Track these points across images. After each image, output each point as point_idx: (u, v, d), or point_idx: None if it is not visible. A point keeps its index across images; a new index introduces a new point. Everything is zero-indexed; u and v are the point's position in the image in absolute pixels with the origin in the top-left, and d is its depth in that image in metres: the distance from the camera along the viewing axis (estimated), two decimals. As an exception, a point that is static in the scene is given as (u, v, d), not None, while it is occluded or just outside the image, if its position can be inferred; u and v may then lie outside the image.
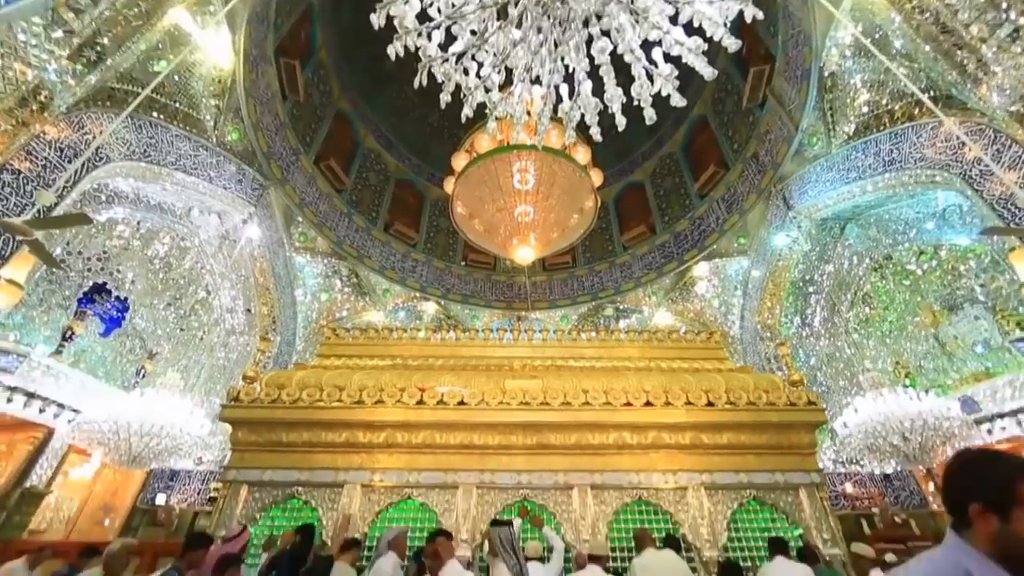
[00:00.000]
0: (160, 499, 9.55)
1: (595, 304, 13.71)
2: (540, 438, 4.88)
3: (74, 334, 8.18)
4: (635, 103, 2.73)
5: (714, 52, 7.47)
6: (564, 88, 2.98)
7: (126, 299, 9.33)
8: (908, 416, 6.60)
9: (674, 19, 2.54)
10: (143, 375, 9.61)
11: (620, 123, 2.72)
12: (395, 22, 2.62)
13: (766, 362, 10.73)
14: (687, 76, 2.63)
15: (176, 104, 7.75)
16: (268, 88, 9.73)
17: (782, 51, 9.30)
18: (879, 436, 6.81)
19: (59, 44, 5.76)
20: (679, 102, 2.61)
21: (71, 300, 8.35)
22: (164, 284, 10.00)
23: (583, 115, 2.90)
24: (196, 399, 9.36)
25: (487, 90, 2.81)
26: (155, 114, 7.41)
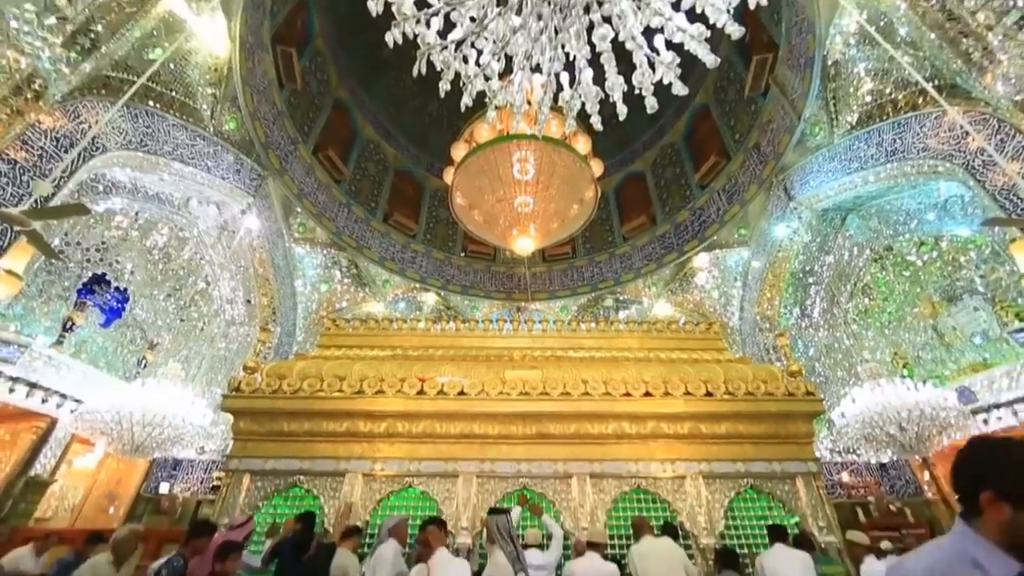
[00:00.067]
0: (163, 488, 9.65)
1: (595, 295, 13.72)
2: (540, 428, 4.92)
3: (74, 325, 8.18)
4: (636, 91, 2.70)
5: (717, 39, 7.37)
6: (564, 76, 2.95)
7: (126, 290, 9.32)
8: (905, 406, 6.63)
9: (676, 5, 2.50)
10: (144, 365, 9.64)
11: (621, 112, 2.69)
12: (393, 8, 2.58)
13: (765, 353, 10.77)
14: (689, 64, 2.60)
15: (172, 93, 7.66)
16: (265, 76, 9.62)
17: (785, 39, 9.18)
18: (876, 426, 6.86)
19: (52, 31, 5.67)
20: (681, 90, 2.57)
21: (71, 291, 8.34)
22: (163, 275, 9.99)
23: (584, 104, 2.87)
24: (198, 389, 9.40)
25: (487, 78, 2.77)
26: (151, 103, 7.33)
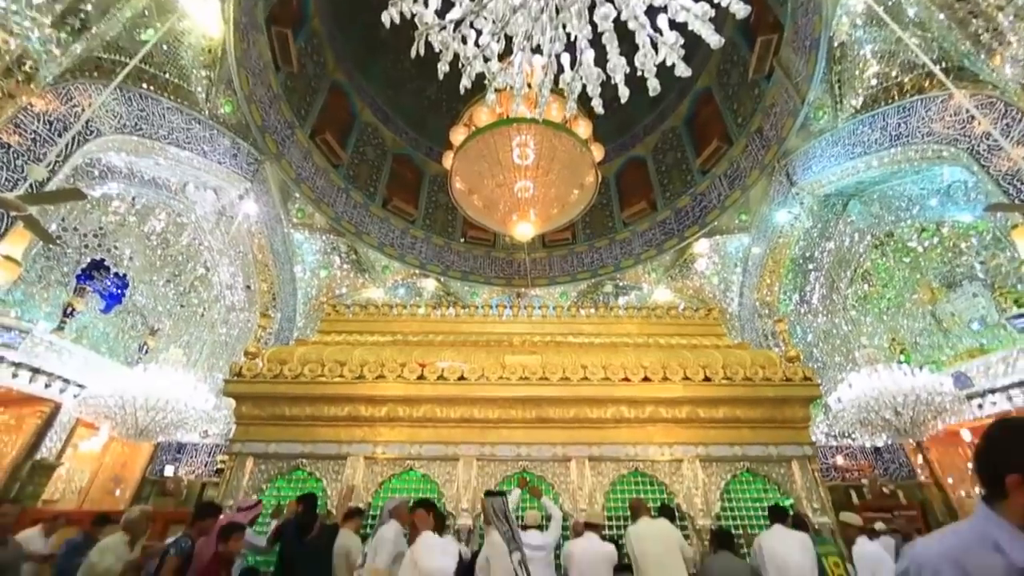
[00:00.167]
0: (168, 471, 9.80)
1: (594, 281, 13.72)
2: (539, 412, 4.97)
3: (75, 310, 8.20)
4: (638, 73, 2.65)
5: (721, 19, 7.22)
6: (565, 58, 2.89)
7: (125, 275, 9.31)
8: (901, 391, 6.70)
9: (681, -16, 2.43)
10: (146, 351, 9.69)
11: (623, 94, 2.64)
12: (390, -14, 2.51)
13: (763, 339, 10.82)
14: (692, 46, 2.55)
15: (166, 75, 7.53)
16: (260, 58, 9.44)
17: (791, 19, 8.99)
18: (872, 410, 6.93)
19: (41, 10, 5.54)
20: (684, 72, 2.53)
21: (70, 277, 8.33)
22: (162, 260, 9.96)
23: (585, 86, 2.82)
24: (199, 374, 9.48)
25: (486, 60, 2.72)
26: (145, 85, 7.20)
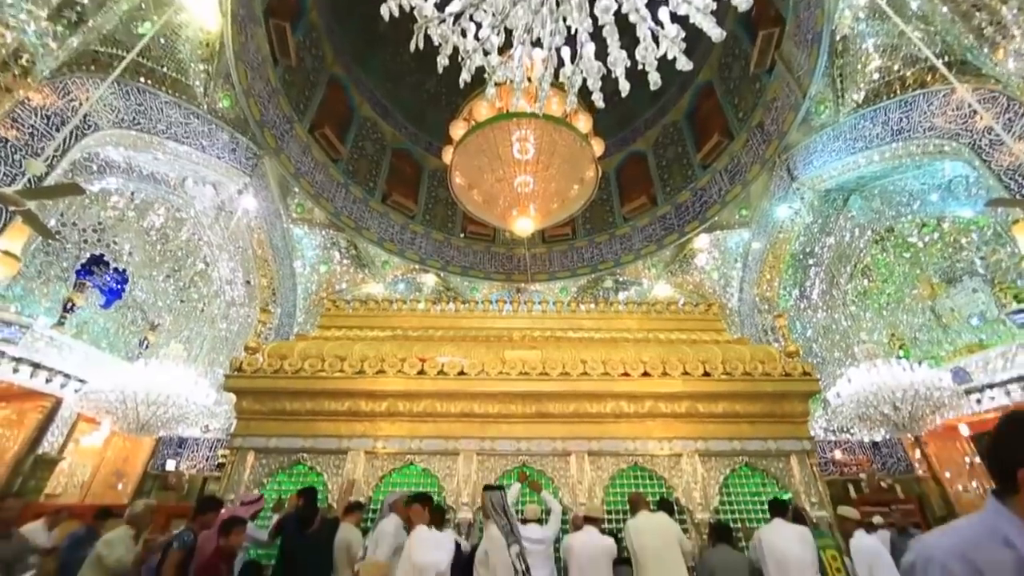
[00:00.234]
0: (170, 465, 9.84)
1: (594, 276, 13.71)
2: (539, 407, 4.99)
3: (75, 306, 8.19)
4: (639, 67, 2.63)
5: (722, 12, 7.17)
6: (566, 52, 2.87)
7: (124, 271, 9.30)
8: (900, 386, 6.71)
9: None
10: (146, 346, 9.70)
11: (624, 88, 2.63)
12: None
13: (763, 334, 10.84)
14: (693, 39, 2.53)
15: (163, 69, 7.48)
16: (258, 52, 9.37)
17: (793, 13, 8.92)
18: (870, 405, 6.95)
19: (37, 3, 5.49)
20: (685, 65, 2.51)
21: (69, 272, 8.32)
22: (162, 256, 9.95)
23: (585, 80, 2.80)
24: (200, 369, 9.49)
25: (486, 53, 2.70)
26: (142, 79, 7.16)
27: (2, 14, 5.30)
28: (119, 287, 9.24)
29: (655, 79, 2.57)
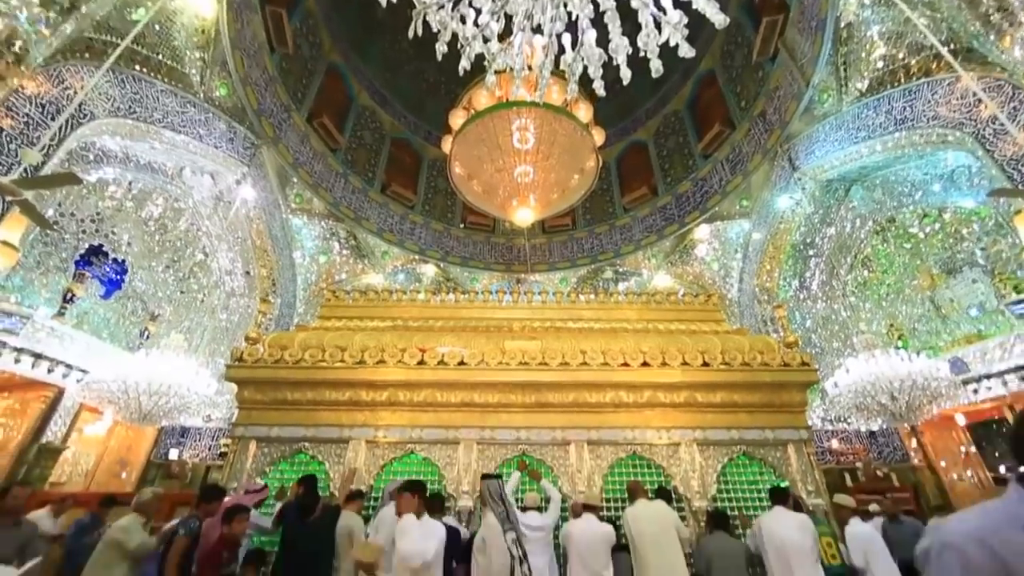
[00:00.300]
0: (173, 454, 9.93)
1: (594, 267, 13.70)
2: (539, 397, 5.02)
3: (75, 296, 8.19)
4: (641, 54, 2.60)
5: None
6: (567, 38, 2.83)
7: (124, 261, 9.28)
8: (898, 376, 6.74)
9: (685, -40, 2.37)
10: (147, 336, 9.72)
11: (625, 76, 2.59)
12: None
13: (762, 324, 10.86)
14: (696, 26, 2.49)
15: (159, 56, 7.37)
16: (255, 39, 9.24)
17: (797, -1, 8.79)
18: (868, 395, 7.00)
19: (29, -11, 5.40)
20: (688, 52, 2.47)
21: (68, 262, 8.30)
22: (161, 246, 9.92)
23: (586, 67, 2.76)
24: (201, 360, 9.53)
25: (486, 40, 2.66)
26: (137, 67, 7.06)
27: (-7, 0, 5.22)
28: (118, 277, 9.23)
29: (657, 66, 2.54)
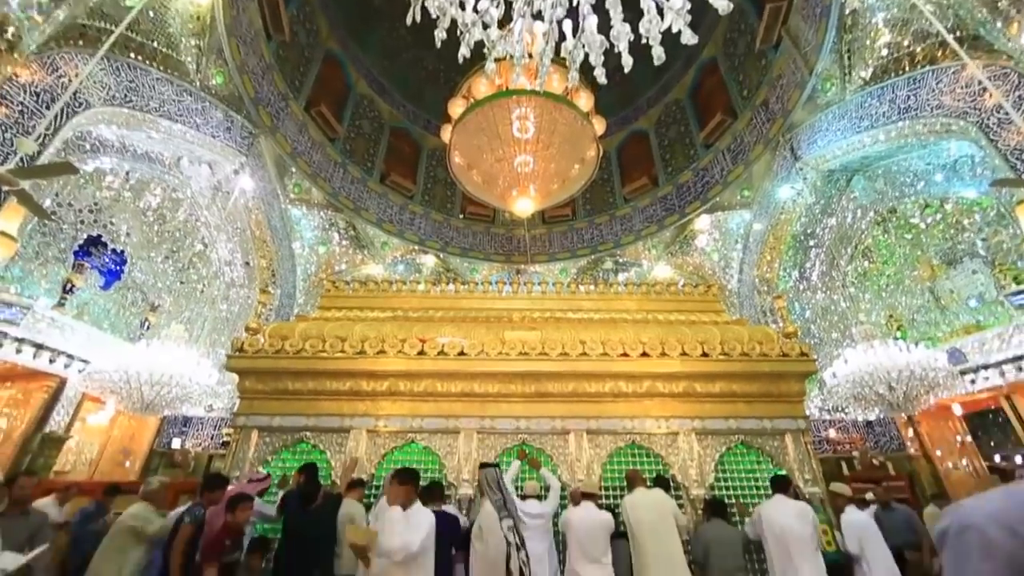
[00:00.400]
0: (175, 443, 10.01)
1: (594, 257, 13.68)
2: (538, 387, 5.04)
3: (74, 287, 8.18)
4: (643, 41, 2.56)
5: (729, -15, 6.93)
6: (567, 25, 2.79)
7: (123, 252, 9.25)
8: (896, 367, 6.77)
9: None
10: (147, 327, 9.73)
11: (627, 63, 2.56)
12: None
13: (762, 315, 10.88)
14: (699, 12, 2.45)
15: (153, 44, 7.27)
16: (251, 26, 9.10)
17: (802, -15, 8.64)
18: (866, 385, 7.03)
19: (20, -26, 5.31)
20: (690, 39, 2.44)
21: (67, 253, 8.28)
22: (159, 237, 9.89)
23: (587, 55, 2.72)
24: (202, 350, 9.55)
25: (485, 27, 2.62)
26: (132, 55, 6.97)
27: (-16, -15, 5.13)
28: (118, 268, 9.22)
29: (659, 53, 2.51)
